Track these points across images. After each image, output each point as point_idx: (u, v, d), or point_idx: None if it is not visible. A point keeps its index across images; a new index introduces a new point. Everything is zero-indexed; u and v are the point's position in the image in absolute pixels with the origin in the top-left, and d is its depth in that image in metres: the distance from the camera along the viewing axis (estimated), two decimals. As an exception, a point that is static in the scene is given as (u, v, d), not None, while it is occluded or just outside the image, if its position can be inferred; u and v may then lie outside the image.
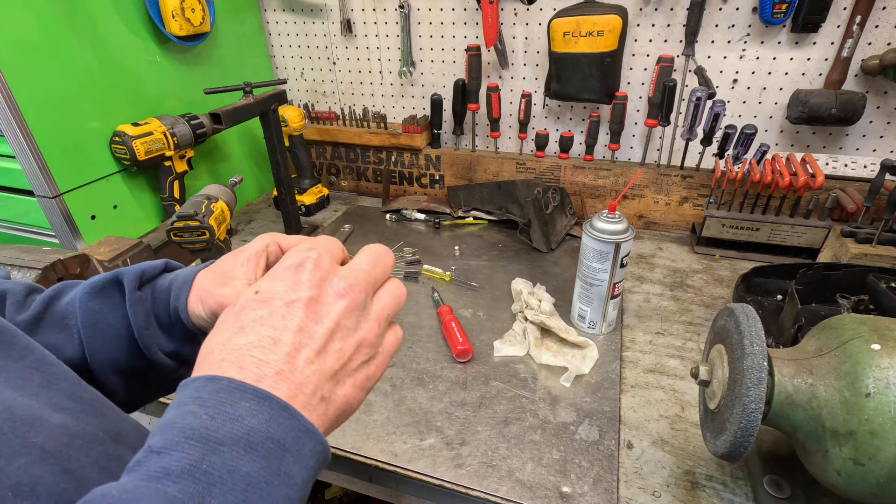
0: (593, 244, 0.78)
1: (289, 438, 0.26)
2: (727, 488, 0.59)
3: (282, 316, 0.29)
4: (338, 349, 0.30)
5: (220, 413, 0.25)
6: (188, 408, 0.26)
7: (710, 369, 0.55)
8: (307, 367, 0.29)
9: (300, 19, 1.33)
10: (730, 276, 0.99)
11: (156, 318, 0.43)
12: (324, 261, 0.32)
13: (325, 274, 0.32)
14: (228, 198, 0.84)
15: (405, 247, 1.13)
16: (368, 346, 0.32)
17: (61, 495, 0.27)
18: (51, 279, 0.72)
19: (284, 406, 0.27)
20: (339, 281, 0.31)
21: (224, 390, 0.26)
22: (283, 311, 0.30)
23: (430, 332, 0.86)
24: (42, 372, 0.32)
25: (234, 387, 0.26)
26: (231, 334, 0.29)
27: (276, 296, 0.30)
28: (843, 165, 1.05)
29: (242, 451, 0.25)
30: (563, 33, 1.04)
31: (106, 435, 0.32)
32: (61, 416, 0.30)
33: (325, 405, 0.29)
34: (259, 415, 0.26)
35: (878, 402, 0.43)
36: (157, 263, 0.45)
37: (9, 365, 0.31)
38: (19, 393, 0.30)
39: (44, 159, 0.87)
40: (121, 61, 0.99)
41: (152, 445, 0.24)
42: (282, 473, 0.25)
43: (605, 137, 1.19)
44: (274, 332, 0.29)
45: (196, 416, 0.25)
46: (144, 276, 0.43)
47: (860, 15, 0.92)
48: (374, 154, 1.37)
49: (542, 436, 0.66)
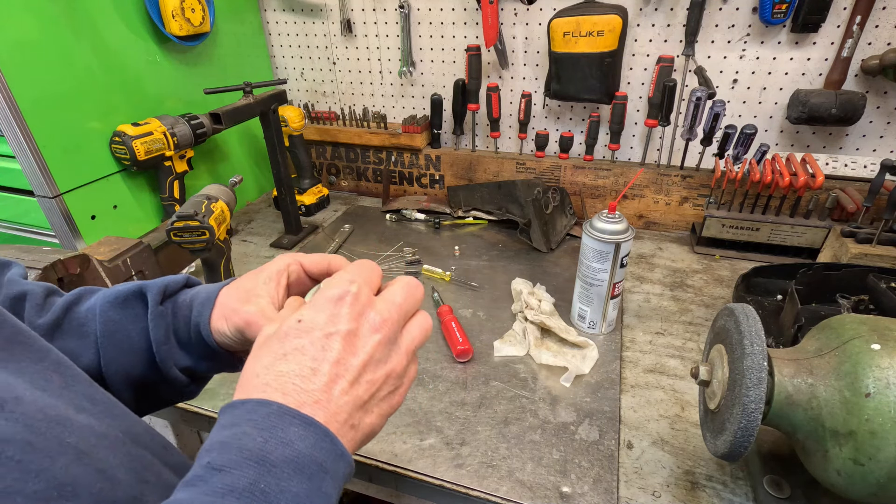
0: (593, 244, 0.78)
1: (329, 462, 0.29)
2: (727, 488, 0.59)
3: (322, 347, 0.32)
4: (369, 380, 0.33)
5: (273, 437, 0.28)
6: (243, 429, 0.28)
7: (710, 369, 0.55)
8: (342, 398, 0.31)
9: (300, 19, 1.33)
10: (730, 276, 0.99)
11: (175, 333, 0.43)
12: (363, 294, 0.34)
13: (363, 308, 0.34)
14: (228, 198, 0.84)
15: (405, 247, 1.12)
16: (396, 377, 0.34)
17: (99, 495, 0.28)
18: (51, 279, 0.72)
19: (326, 432, 0.29)
20: (376, 315, 0.34)
21: (275, 415, 0.28)
22: (322, 343, 0.32)
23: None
24: (60, 374, 0.32)
25: (283, 412, 0.29)
26: (274, 360, 0.31)
27: (316, 326, 0.32)
28: (843, 165, 1.05)
29: (292, 472, 0.27)
30: (563, 33, 1.04)
31: (125, 436, 0.33)
32: (84, 416, 0.31)
33: (353, 431, 0.32)
34: (306, 440, 0.28)
35: (878, 402, 0.43)
36: (179, 279, 0.46)
37: (30, 366, 0.31)
38: (46, 394, 0.30)
39: (44, 159, 0.87)
40: (121, 61, 0.99)
41: (213, 463, 0.27)
42: (322, 493, 0.28)
43: (605, 137, 1.19)
44: (314, 362, 0.31)
45: (252, 438, 0.27)
46: (167, 290, 0.44)
47: (860, 15, 0.92)
48: (374, 154, 1.37)
49: (542, 436, 0.66)
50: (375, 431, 0.34)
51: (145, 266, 0.90)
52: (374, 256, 1.10)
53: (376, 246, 1.15)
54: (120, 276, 0.85)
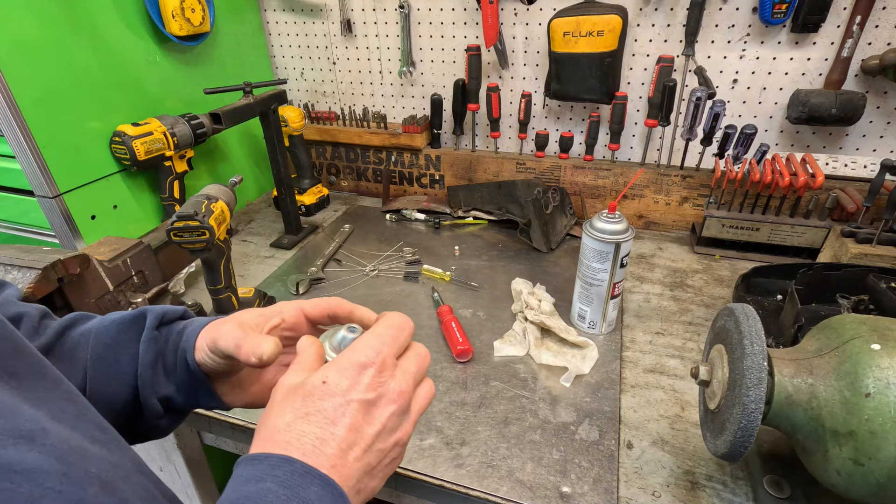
0: (593, 244, 0.78)
1: None
2: (727, 488, 0.59)
3: (342, 413, 0.34)
4: (379, 449, 0.35)
5: (296, 495, 0.30)
6: (267, 485, 0.30)
7: (710, 369, 0.55)
8: (354, 464, 0.33)
9: (300, 19, 1.33)
10: (730, 276, 0.99)
11: (163, 358, 0.45)
12: (388, 366, 0.36)
13: (385, 378, 0.36)
14: (228, 198, 0.84)
15: (405, 247, 1.12)
16: (402, 445, 0.37)
17: None
18: (51, 279, 0.72)
19: (341, 493, 0.32)
20: (395, 387, 0.36)
21: (298, 473, 0.31)
22: (343, 409, 0.34)
23: (430, 332, 0.86)
24: (73, 403, 0.32)
25: (305, 471, 0.31)
26: (296, 418, 0.33)
27: (338, 392, 0.34)
28: (843, 165, 1.05)
29: None
30: (563, 33, 1.04)
31: (133, 466, 0.33)
32: (98, 447, 0.31)
33: (359, 496, 0.34)
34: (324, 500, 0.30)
35: (878, 402, 0.43)
36: (178, 309, 0.48)
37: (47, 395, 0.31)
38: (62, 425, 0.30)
39: (44, 159, 0.87)
40: (121, 61, 0.99)
41: None
42: None
43: (605, 137, 1.19)
44: (333, 427, 0.33)
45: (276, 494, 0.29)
46: (165, 317, 0.46)
47: (860, 15, 0.92)
48: (374, 154, 1.37)
49: (542, 436, 0.66)
50: (374, 492, 0.36)
51: (145, 266, 0.90)
52: (374, 256, 1.10)
53: (376, 246, 1.15)
54: (120, 276, 0.85)
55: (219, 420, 0.73)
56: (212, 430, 0.80)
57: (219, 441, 0.82)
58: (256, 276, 1.05)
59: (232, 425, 0.73)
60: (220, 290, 0.82)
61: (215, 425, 0.76)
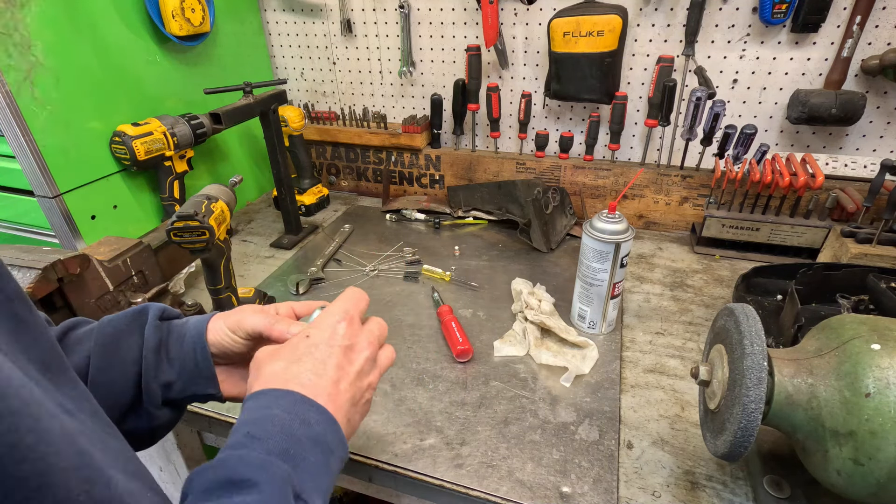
0: (593, 244, 0.78)
1: (334, 444, 0.38)
2: (727, 488, 0.59)
3: (329, 355, 0.41)
4: (358, 386, 0.43)
5: (297, 417, 0.36)
6: (272, 411, 0.36)
7: (710, 369, 0.55)
8: (344, 394, 0.40)
9: (300, 19, 1.33)
10: (730, 276, 0.99)
11: (166, 346, 0.48)
12: (356, 320, 0.45)
13: (356, 330, 0.44)
14: (228, 198, 0.84)
15: (405, 247, 1.12)
16: (373, 388, 0.45)
17: None
18: (51, 279, 0.72)
19: (333, 419, 0.38)
20: (364, 338, 0.44)
21: (298, 402, 0.37)
22: (329, 352, 0.41)
23: (430, 332, 0.86)
24: (89, 400, 0.33)
25: (303, 400, 0.38)
26: (289, 363, 0.40)
27: (321, 341, 0.42)
28: (843, 165, 1.05)
29: (311, 446, 0.36)
30: (563, 33, 1.04)
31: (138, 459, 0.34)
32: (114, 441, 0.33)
33: (348, 426, 0.41)
34: (320, 424, 0.37)
35: (878, 402, 0.43)
36: (175, 310, 0.52)
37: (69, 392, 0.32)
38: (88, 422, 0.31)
39: (44, 159, 0.87)
40: (121, 61, 0.98)
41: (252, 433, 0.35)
42: (328, 468, 0.37)
43: (605, 137, 1.19)
44: (322, 364, 0.40)
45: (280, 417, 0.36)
46: (165, 313, 0.50)
47: (860, 15, 0.92)
48: (374, 154, 1.37)
49: (542, 436, 0.66)
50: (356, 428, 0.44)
51: (145, 266, 0.90)
52: (374, 256, 1.10)
53: (376, 246, 1.15)
54: (120, 276, 0.85)
55: (219, 420, 0.73)
56: (212, 430, 0.80)
57: (219, 441, 0.82)
58: (256, 276, 1.05)
59: (232, 425, 0.73)
60: (220, 290, 0.82)
61: (215, 425, 0.76)
